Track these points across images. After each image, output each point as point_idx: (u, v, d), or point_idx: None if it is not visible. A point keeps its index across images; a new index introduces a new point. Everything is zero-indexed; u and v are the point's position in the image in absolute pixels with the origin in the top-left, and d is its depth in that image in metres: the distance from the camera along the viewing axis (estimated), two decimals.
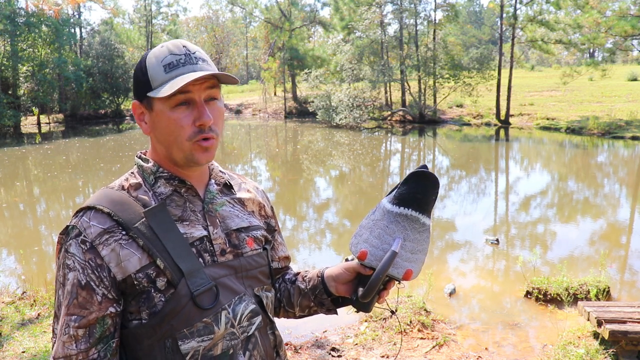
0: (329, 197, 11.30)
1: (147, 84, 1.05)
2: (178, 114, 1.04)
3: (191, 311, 1.01)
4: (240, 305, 1.08)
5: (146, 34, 34.02)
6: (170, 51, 1.05)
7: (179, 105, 1.04)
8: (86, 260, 1.00)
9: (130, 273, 1.00)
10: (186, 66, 1.04)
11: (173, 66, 1.03)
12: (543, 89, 29.92)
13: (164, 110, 1.05)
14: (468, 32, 55.49)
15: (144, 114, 1.10)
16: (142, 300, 1.02)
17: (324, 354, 3.86)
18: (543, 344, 4.13)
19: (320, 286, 1.25)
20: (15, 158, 16.85)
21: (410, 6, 25.54)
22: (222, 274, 1.08)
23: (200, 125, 1.04)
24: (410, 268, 1.10)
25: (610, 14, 20.38)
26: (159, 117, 1.06)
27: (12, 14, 25.10)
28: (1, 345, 3.86)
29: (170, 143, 1.07)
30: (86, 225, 1.02)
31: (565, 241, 7.32)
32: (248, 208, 1.22)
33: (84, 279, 1.00)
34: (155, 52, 1.07)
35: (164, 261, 1.01)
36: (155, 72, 1.04)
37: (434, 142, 19.62)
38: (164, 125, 1.06)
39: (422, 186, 1.09)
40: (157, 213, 1.04)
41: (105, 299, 1.00)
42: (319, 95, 25.73)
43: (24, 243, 7.65)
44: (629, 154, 16.01)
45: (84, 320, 0.99)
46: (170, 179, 1.10)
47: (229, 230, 1.13)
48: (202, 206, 1.12)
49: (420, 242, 1.11)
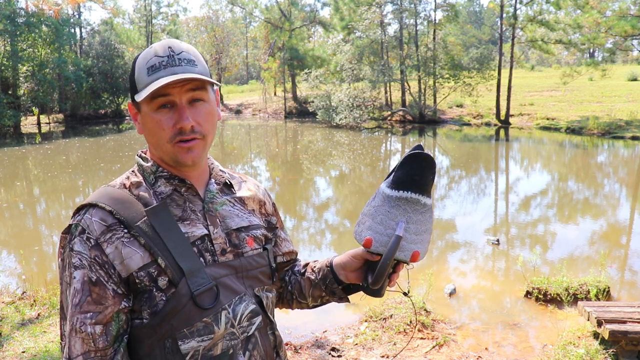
0: (329, 197, 11.30)
1: (134, 86, 1.08)
2: (160, 116, 1.05)
3: (191, 311, 1.01)
4: (241, 305, 1.08)
5: (146, 34, 34.02)
6: (156, 53, 1.05)
7: (161, 108, 1.05)
8: (92, 257, 1.00)
9: (132, 271, 1.00)
10: (167, 68, 1.03)
11: (155, 69, 1.04)
12: (543, 89, 29.92)
13: (149, 112, 1.06)
14: (468, 32, 55.48)
15: (137, 114, 1.12)
16: (143, 299, 1.02)
17: (324, 354, 3.86)
18: (543, 344, 4.13)
19: (330, 276, 1.26)
20: (15, 158, 16.85)
21: (410, 6, 25.54)
22: (223, 273, 1.08)
23: (180, 128, 1.04)
24: (417, 249, 1.11)
25: (610, 14, 20.38)
26: (145, 119, 1.08)
27: (12, 14, 25.10)
28: (1, 345, 3.86)
29: (155, 144, 1.09)
30: (89, 223, 1.02)
31: (565, 241, 7.32)
32: (248, 207, 1.22)
33: (94, 276, 0.99)
34: (143, 54, 1.08)
35: (165, 260, 1.01)
36: (140, 75, 1.06)
37: (434, 142, 19.62)
38: (149, 126, 1.08)
39: (419, 167, 1.09)
40: (158, 212, 1.04)
41: (117, 295, 1.00)
42: (319, 95, 25.73)
43: (24, 243, 7.65)
44: (629, 154, 16.01)
45: (101, 316, 0.99)
46: (170, 179, 1.10)
47: (229, 230, 1.13)
48: (202, 205, 1.12)
49: (424, 222, 1.12)
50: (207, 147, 1.10)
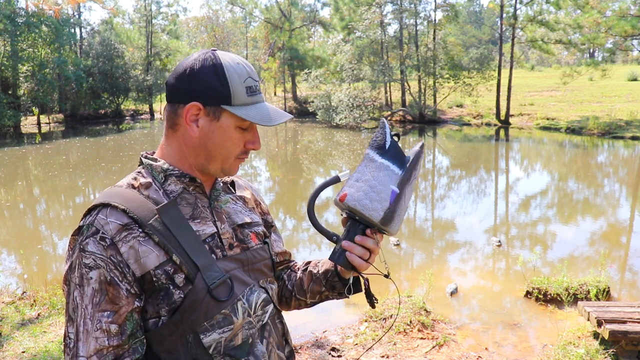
0: (329, 197, 11.30)
1: (227, 96, 1.06)
2: (238, 134, 1.10)
3: (209, 304, 1.03)
4: (253, 295, 1.12)
5: (146, 34, 33.97)
6: (249, 74, 1.10)
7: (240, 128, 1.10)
8: (108, 256, 1.00)
9: (149, 269, 1.01)
10: (258, 95, 1.12)
11: (252, 92, 1.09)
12: (543, 89, 29.92)
13: (229, 126, 1.08)
14: (468, 32, 55.48)
15: (200, 117, 1.08)
16: (160, 297, 1.03)
17: (324, 354, 3.85)
18: (543, 344, 4.13)
19: (332, 269, 1.28)
20: (15, 158, 16.85)
21: (410, 6, 25.53)
22: (232, 266, 1.11)
23: (252, 148, 1.13)
24: (346, 191, 1.13)
25: (610, 14, 20.38)
26: (219, 130, 1.08)
27: (12, 14, 25.08)
28: (1, 345, 3.86)
29: (216, 156, 1.10)
30: (103, 222, 1.01)
31: (565, 241, 7.32)
32: (248, 205, 1.27)
33: (109, 276, 1.00)
34: (234, 67, 1.08)
35: (179, 257, 1.03)
36: (238, 90, 1.07)
37: (434, 142, 19.62)
38: (221, 138, 1.09)
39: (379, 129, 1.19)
40: (169, 210, 1.06)
41: (130, 294, 1.01)
42: (319, 95, 25.73)
43: (24, 243, 7.65)
44: (629, 154, 16.01)
45: (116, 315, 0.99)
46: (181, 177, 1.11)
47: (235, 225, 1.17)
48: (208, 203, 1.15)
49: (365, 173, 1.15)
50: None
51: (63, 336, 1.04)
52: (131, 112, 32.28)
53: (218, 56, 1.08)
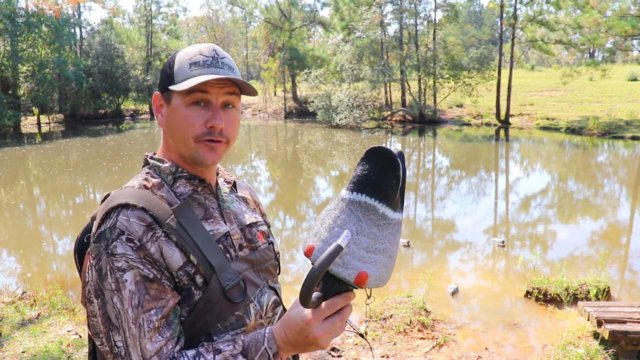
0: (328, 197, 11.30)
1: (171, 77, 1.08)
2: (191, 111, 1.06)
3: (224, 306, 1.03)
4: (263, 297, 1.12)
5: (146, 34, 33.96)
6: (200, 52, 1.08)
7: (194, 104, 1.06)
8: (142, 257, 0.97)
9: (173, 270, 1.00)
10: (210, 68, 1.06)
11: (198, 65, 1.06)
12: (543, 89, 29.92)
13: (180, 105, 1.07)
14: (468, 32, 55.46)
15: (162, 106, 1.12)
16: (182, 298, 1.02)
17: (324, 354, 3.85)
18: (543, 344, 4.13)
19: None
20: (15, 158, 16.84)
21: (410, 6, 25.53)
22: (244, 267, 1.10)
23: (211, 127, 1.06)
24: (365, 270, 0.87)
25: (610, 14, 20.38)
26: (173, 112, 1.08)
27: (12, 14, 25.08)
28: (1, 345, 3.86)
29: (179, 139, 1.09)
30: (127, 224, 0.99)
31: (565, 241, 7.32)
32: (250, 205, 1.27)
33: (150, 274, 0.97)
34: (186, 50, 1.10)
35: (196, 257, 1.02)
36: (181, 68, 1.07)
37: (434, 142, 19.62)
38: (176, 120, 1.08)
39: (375, 165, 0.88)
40: (185, 210, 1.05)
41: (171, 289, 1.00)
42: (319, 95, 25.72)
43: (24, 243, 7.64)
44: (629, 154, 16.01)
45: (165, 309, 0.98)
46: (190, 179, 1.11)
47: (243, 226, 1.17)
48: (217, 203, 1.15)
49: (380, 239, 0.89)
50: (227, 151, 1.13)
51: (109, 348, 0.98)
52: (131, 112, 32.27)
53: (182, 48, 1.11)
